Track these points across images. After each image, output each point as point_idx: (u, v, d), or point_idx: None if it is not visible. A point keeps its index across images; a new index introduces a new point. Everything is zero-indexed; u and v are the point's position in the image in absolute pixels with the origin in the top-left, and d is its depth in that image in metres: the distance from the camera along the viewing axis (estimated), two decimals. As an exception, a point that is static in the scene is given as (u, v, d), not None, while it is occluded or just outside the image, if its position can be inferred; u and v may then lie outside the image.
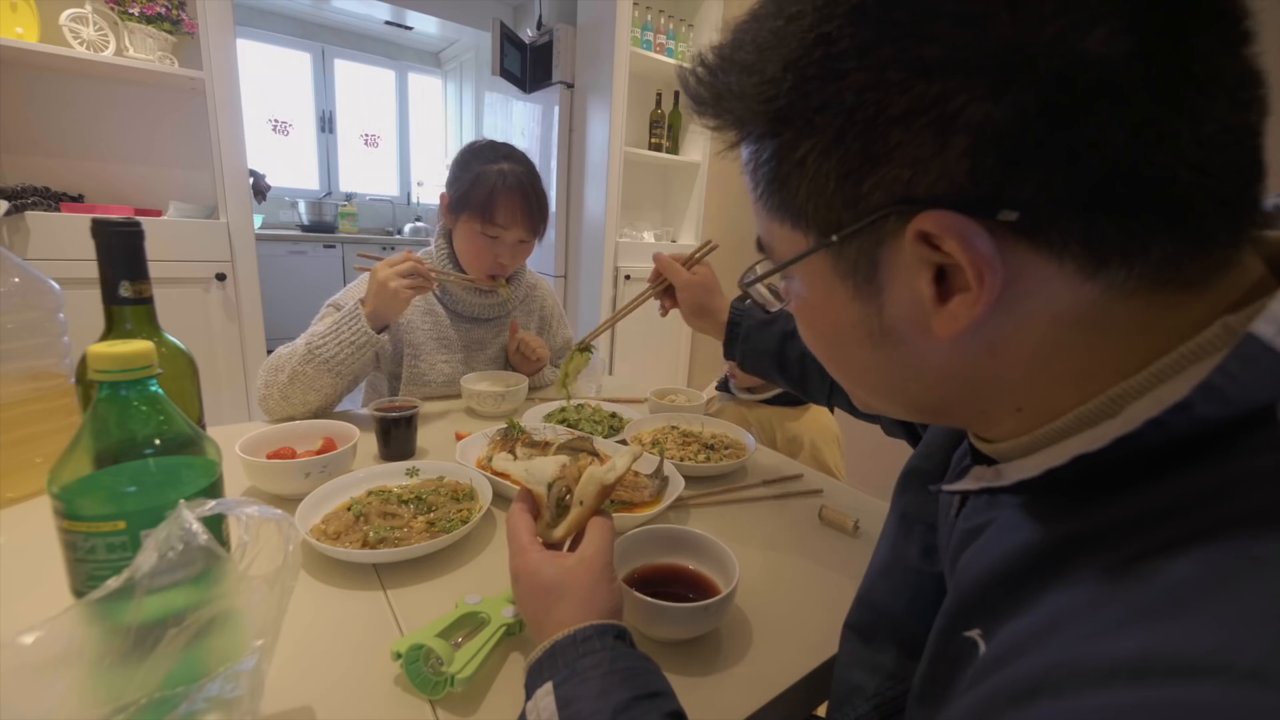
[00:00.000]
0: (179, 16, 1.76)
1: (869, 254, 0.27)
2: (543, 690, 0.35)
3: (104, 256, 0.54)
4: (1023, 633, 0.24)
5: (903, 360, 0.30)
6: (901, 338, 0.29)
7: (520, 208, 1.03)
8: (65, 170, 1.82)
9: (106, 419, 0.37)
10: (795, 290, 0.33)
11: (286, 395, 0.88)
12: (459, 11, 3.27)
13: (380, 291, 0.88)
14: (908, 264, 0.26)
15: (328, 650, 0.47)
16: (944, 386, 0.30)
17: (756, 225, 0.34)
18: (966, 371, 0.28)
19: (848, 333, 0.31)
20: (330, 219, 3.87)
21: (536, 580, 0.41)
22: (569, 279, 2.74)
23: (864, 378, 0.33)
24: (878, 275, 0.28)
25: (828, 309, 0.31)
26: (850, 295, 0.29)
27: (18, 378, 0.63)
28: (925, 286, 0.26)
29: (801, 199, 0.28)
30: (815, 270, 0.30)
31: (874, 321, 0.29)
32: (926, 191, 0.24)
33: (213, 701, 0.30)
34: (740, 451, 0.88)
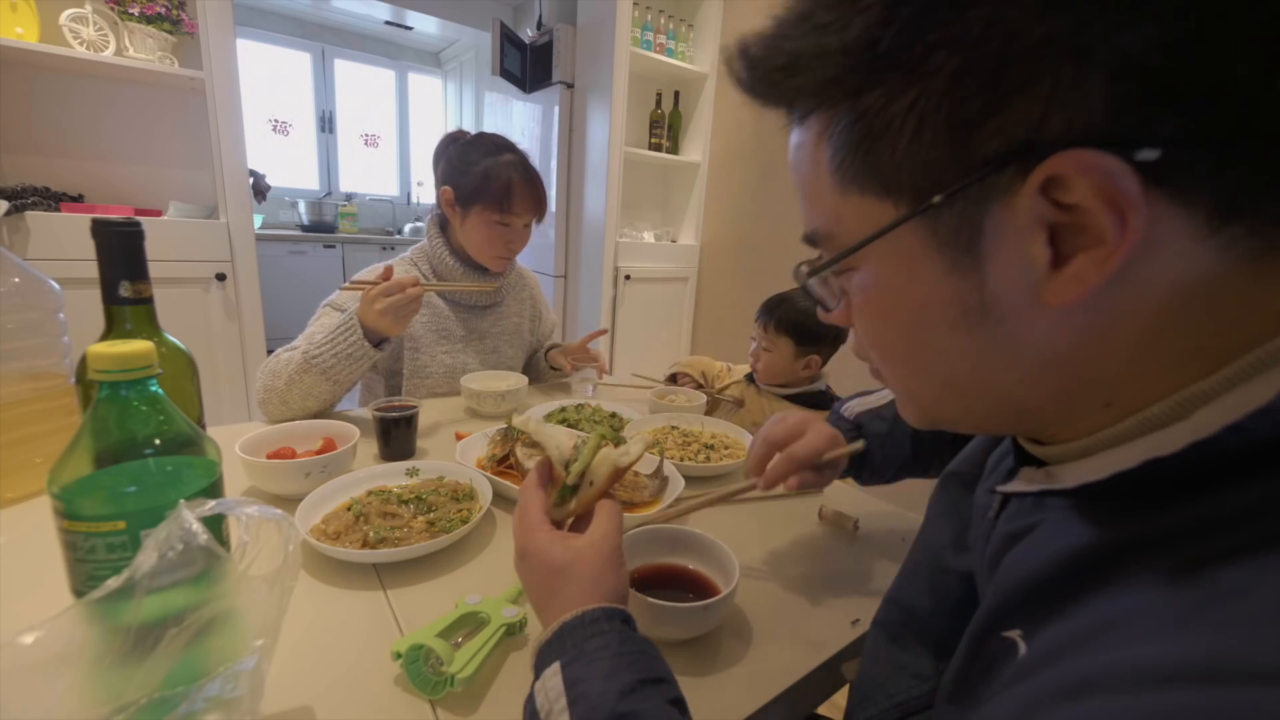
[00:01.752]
0: (179, 16, 1.76)
1: (973, 217, 0.25)
2: (550, 670, 0.35)
3: (104, 256, 0.54)
4: (1068, 634, 0.24)
5: (1001, 343, 0.27)
6: (1004, 314, 0.26)
7: (532, 195, 1.08)
8: (65, 170, 1.82)
9: (106, 419, 0.37)
10: (863, 279, 0.30)
11: (285, 400, 0.89)
12: (459, 11, 3.27)
13: (375, 318, 0.87)
14: (1019, 225, 0.24)
15: (328, 650, 0.47)
16: (1040, 376, 0.27)
17: (809, 215, 0.31)
18: (1069, 355, 0.26)
19: (936, 316, 0.28)
20: (330, 219, 3.87)
21: (544, 560, 0.40)
22: (569, 279, 2.74)
23: (948, 371, 0.29)
24: (980, 242, 0.25)
25: (911, 290, 0.28)
26: (945, 269, 0.26)
27: (18, 378, 0.63)
28: (1040, 249, 0.24)
29: (894, 162, 0.25)
30: (902, 245, 0.27)
31: (972, 297, 0.26)
32: (1059, 133, 0.22)
33: (213, 701, 0.30)
34: (740, 451, 0.88)
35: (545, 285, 2.72)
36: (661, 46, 2.44)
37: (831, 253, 0.30)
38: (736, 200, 2.48)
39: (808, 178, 0.30)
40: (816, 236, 0.31)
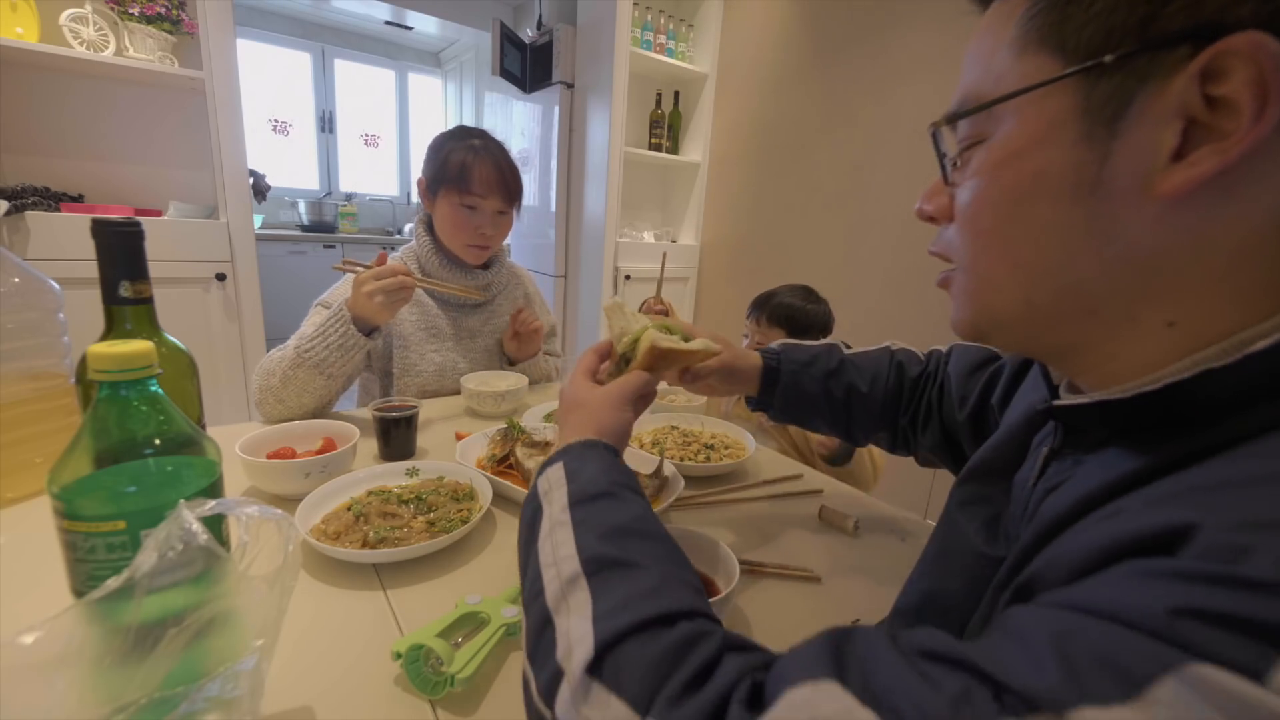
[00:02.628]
0: (179, 16, 1.76)
1: (1127, 91, 0.26)
2: (554, 466, 0.42)
3: (104, 256, 0.54)
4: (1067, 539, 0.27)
5: (1097, 222, 0.28)
6: (1112, 193, 0.27)
7: (494, 176, 1.06)
8: (65, 170, 1.82)
9: (106, 419, 0.37)
10: (996, 137, 0.31)
11: (281, 398, 0.89)
12: (459, 11, 3.27)
13: (364, 302, 0.88)
14: (1163, 108, 0.25)
15: (328, 650, 0.47)
16: (1119, 269, 0.28)
17: (968, 81, 0.33)
18: (1153, 253, 0.27)
19: (1048, 184, 0.29)
20: (330, 219, 3.87)
21: (569, 394, 0.52)
22: (569, 279, 2.74)
23: (1031, 249, 0.31)
24: (1122, 118, 0.26)
25: (1036, 155, 0.29)
26: (1078, 137, 0.28)
27: (18, 378, 0.63)
28: (1171, 136, 0.25)
29: (1085, 19, 0.27)
30: (1050, 105, 0.28)
31: (1090, 170, 0.28)
32: (1242, 20, 0.23)
33: (213, 701, 0.30)
34: (740, 451, 0.88)
35: (545, 285, 2.73)
36: (661, 46, 2.44)
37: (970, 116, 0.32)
38: (736, 200, 2.48)
39: (985, 46, 0.32)
40: (965, 101, 0.33)
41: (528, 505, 0.41)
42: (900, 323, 1.89)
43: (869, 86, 1.92)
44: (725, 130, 2.51)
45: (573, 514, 0.37)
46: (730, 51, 2.45)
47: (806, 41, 2.13)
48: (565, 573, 0.33)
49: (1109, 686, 0.17)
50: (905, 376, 0.68)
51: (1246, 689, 0.16)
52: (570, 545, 0.34)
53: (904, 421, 0.67)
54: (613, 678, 0.27)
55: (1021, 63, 0.30)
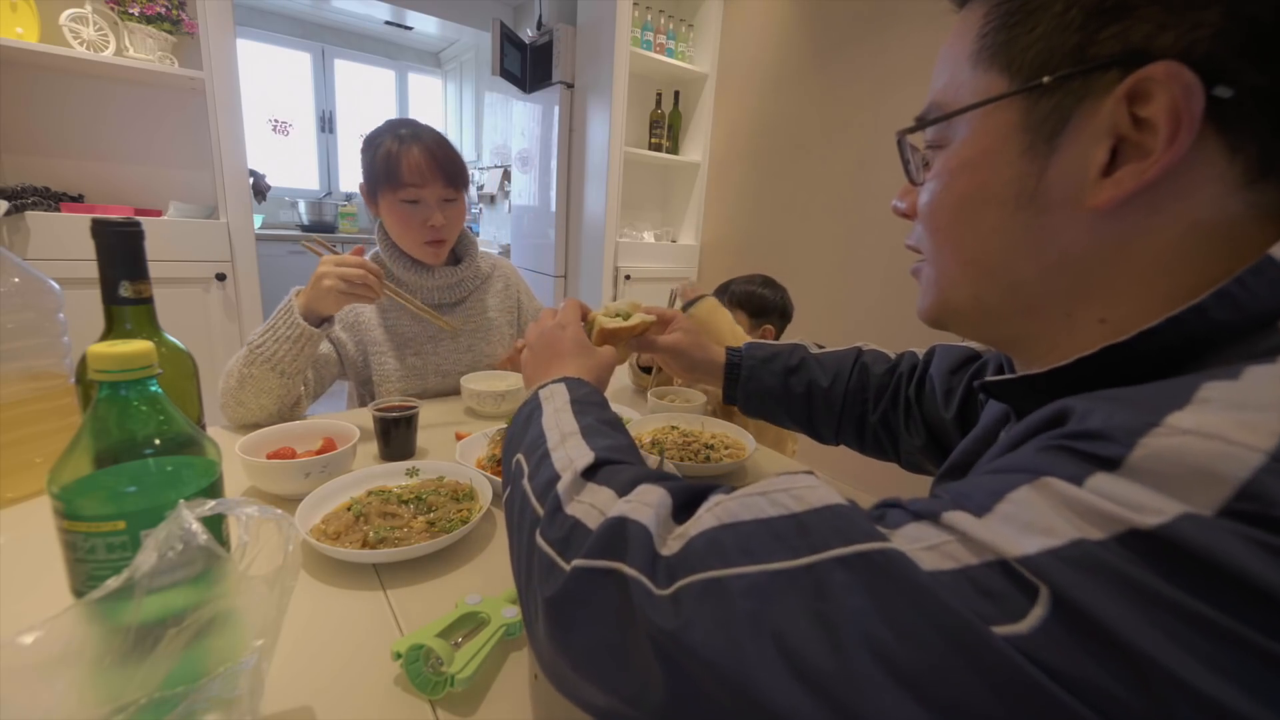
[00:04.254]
0: (179, 16, 1.76)
1: (1064, 109, 0.29)
2: (555, 384, 0.48)
3: (104, 256, 0.54)
4: None
5: (1035, 230, 0.31)
6: (1047, 204, 0.30)
7: (425, 161, 0.98)
8: (65, 170, 1.82)
9: (106, 419, 0.37)
10: (952, 146, 0.34)
11: (240, 400, 0.86)
12: (459, 11, 3.27)
13: (315, 284, 0.84)
14: (1095, 127, 0.28)
15: (327, 650, 0.47)
16: (1056, 273, 0.31)
17: (936, 88, 0.35)
18: (1085, 257, 0.30)
19: (993, 192, 0.32)
20: (330, 219, 3.87)
21: (574, 335, 0.61)
22: (569, 279, 2.74)
23: (978, 248, 0.34)
24: (1061, 134, 0.29)
25: (983, 165, 0.32)
26: (1019, 150, 0.31)
27: (18, 378, 0.63)
28: (1102, 153, 0.28)
29: (1028, 41, 0.29)
30: (997, 120, 0.31)
31: (1029, 183, 0.31)
32: (1164, 48, 0.26)
33: (213, 701, 0.30)
34: (740, 451, 0.88)
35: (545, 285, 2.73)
36: (661, 46, 2.44)
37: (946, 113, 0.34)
38: (736, 200, 2.48)
39: (954, 54, 0.34)
40: (931, 109, 0.35)
41: (525, 407, 0.47)
42: (900, 322, 1.89)
43: (869, 86, 1.92)
44: (725, 130, 2.51)
45: (574, 407, 0.44)
46: (730, 51, 2.45)
47: (806, 41, 2.13)
48: (565, 430, 0.41)
49: (980, 500, 0.23)
50: (870, 374, 0.69)
51: (1069, 488, 0.21)
52: (571, 419, 0.42)
53: (874, 419, 0.68)
54: (604, 480, 0.34)
55: (975, 77, 0.32)
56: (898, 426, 0.67)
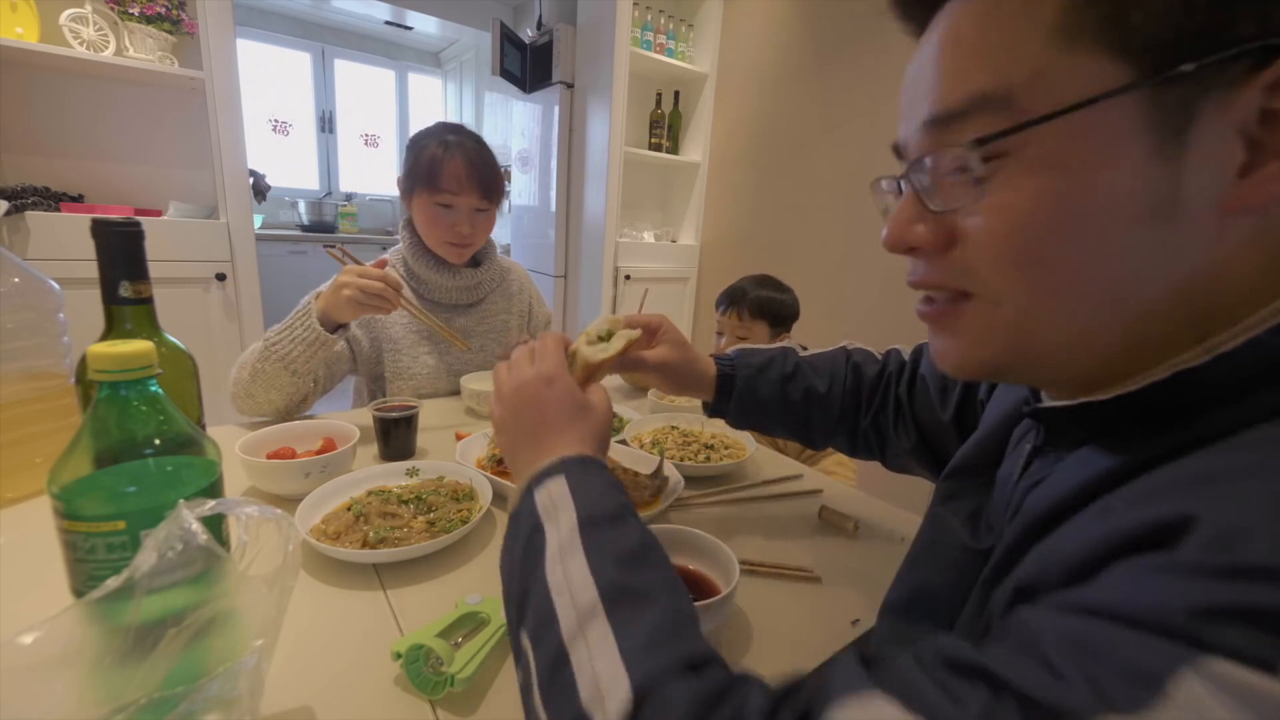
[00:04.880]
0: (179, 16, 1.76)
1: (1191, 102, 0.24)
2: (554, 481, 0.38)
3: (104, 256, 0.54)
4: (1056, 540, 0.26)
5: (1173, 246, 0.25)
6: (1186, 214, 0.25)
7: (466, 172, 1.02)
8: (65, 170, 1.82)
9: (106, 419, 0.36)
10: (1036, 158, 0.26)
11: (250, 393, 0.88)
12: (459, 11, 3.27)
13: (335, 292, 0.86)
14: (1226, 121, 0.24)
15: (327, 650, 0.47)
16: (1184, 293, 0.26)
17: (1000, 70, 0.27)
18: (1218, 275, 0.26)
19: (1122, 206, 0.25)
20: (330, 219, 3.87)
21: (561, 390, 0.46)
22: (569, 279, 2.74)
23: (1103, 270, 0.27)
24: (1188, 131, 0.24)
25: (1104, 175, 0.25)
26: (1148, 153, 0.25)
27: (18, 378, 0.63)
28: (1240, 150, 0.24)
29: (1144, 17, 0.24)
30: (1113, 118, 0.25)
31: (1165, 189, 0.25)
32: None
33: (212, 701, 0.30)
34: (740, 451, 0.88)
35: (545, 285, 2.73)
36: (661, 46, 2.44)
37: (1006, 120, 0.26)
38: (736, 200, 2.48)
39: (1013, 29, 0.26)
40: (984, 100, 0.27)
41: (523, 522, 0.37)
42: (900, 322, 1.89)
43: (869, 86, 1.92)
44: (725, 130, 2.50)
45: (583, 537, 0.34)
46: (730, 51, 2.45)
47: (806, 41, 2.13)
48: (581, 601, 0.30)
49: (1129, 691, 0.17)
50: (863, 375, 0.67)
51: (1261, 682, 0.16)
52: (584, 570, 0.32)
53: (865, 423, 0.66)
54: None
55: (1069, 59, 0.25)
56: (887, 428, 0.65)
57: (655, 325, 0.66)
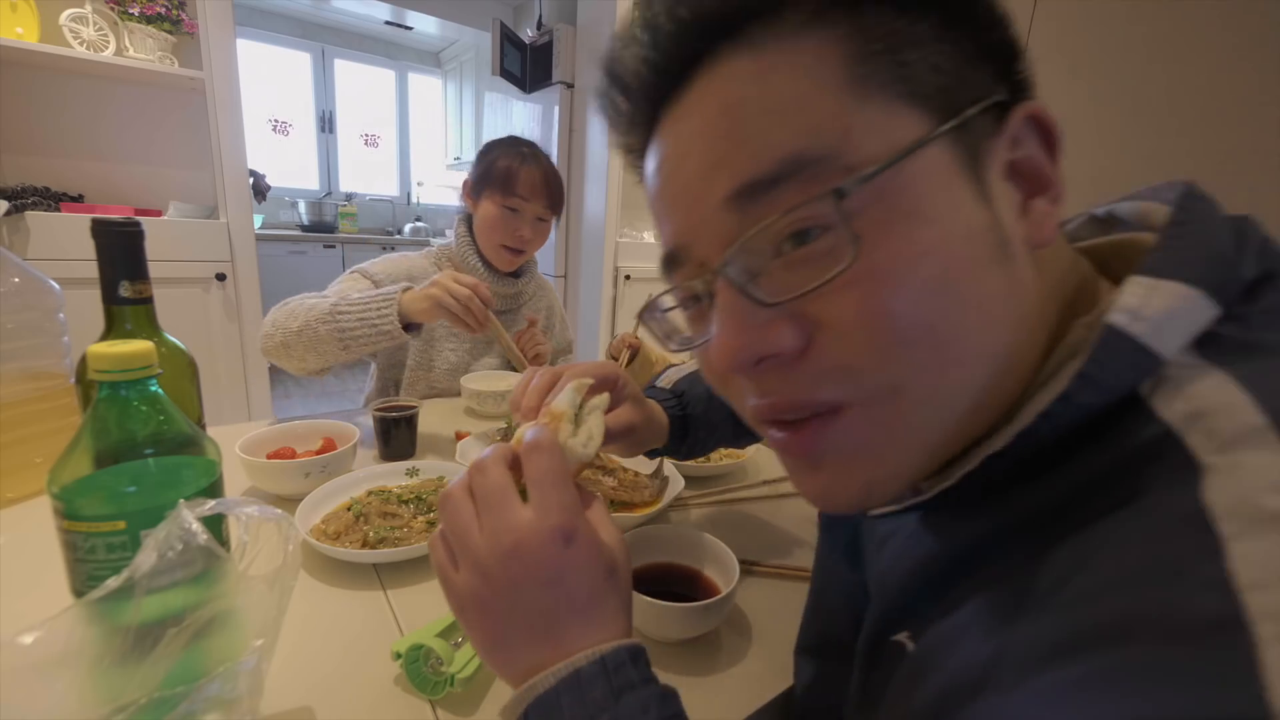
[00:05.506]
0: (179, 16, 1.77)
1: (977, 147, 0.24)
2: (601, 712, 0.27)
3: (104, 256, 0.54)
4: (949, 632, 0.25)
5: (1017, 285, 0.25)
6: (1014, 252, 0.25)
7: (539, 181, 1.07)
8: (65, 170, 1.82)
9: (106, 419, 0.37)
10: (888, 211, 0.23)
11: (288, 345, 0.87)
12: (459, 11, 3.27)
13: (427, 291, 0.84)
14: (999, 160, 0.25)
15: (328, 650, 0.47)
16: (1022, 328, 0.26)
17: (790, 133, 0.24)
18: (1035, 313, 0.26)
19: (978, 249, 0.24)
20: (330, 219, 3.87)
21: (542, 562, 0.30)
22: (569, 279, 2.74)
23: (982, 321, 0.24)
24: (986, 174, 0.25)
25: (950, 220, 0.24)
26: (973, 194, 0.24)
27: (18, 378, 0.63)
28: (1014, 189, 0.25)
29: (921, 68, 0.24)
30: (938, 163, 0.24)
31: (998, 229, 0.24)
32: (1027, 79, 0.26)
33: (212, 701, 0.30)
34: (740, 452, 0.88)
35: (545, 285, 2.72)
36: (661, 46, 2.44)
37: (827, 182, 0.23)
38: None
39: (792, 87, 0.24)
40: (797, 163, 0.24)
41: None
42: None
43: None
44: (725, 130, 2.50)
45: None
46: (730, 51, 2.45)
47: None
48: None
49: None
50: None
51: None
52: None
53: None
54: None
55: (873, 112, 0.23)
56: None
57: (612, 378, 0.51)
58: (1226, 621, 0.16)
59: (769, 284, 0.25)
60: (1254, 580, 0.16)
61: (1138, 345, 0.22)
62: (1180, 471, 0.19)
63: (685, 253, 0.28)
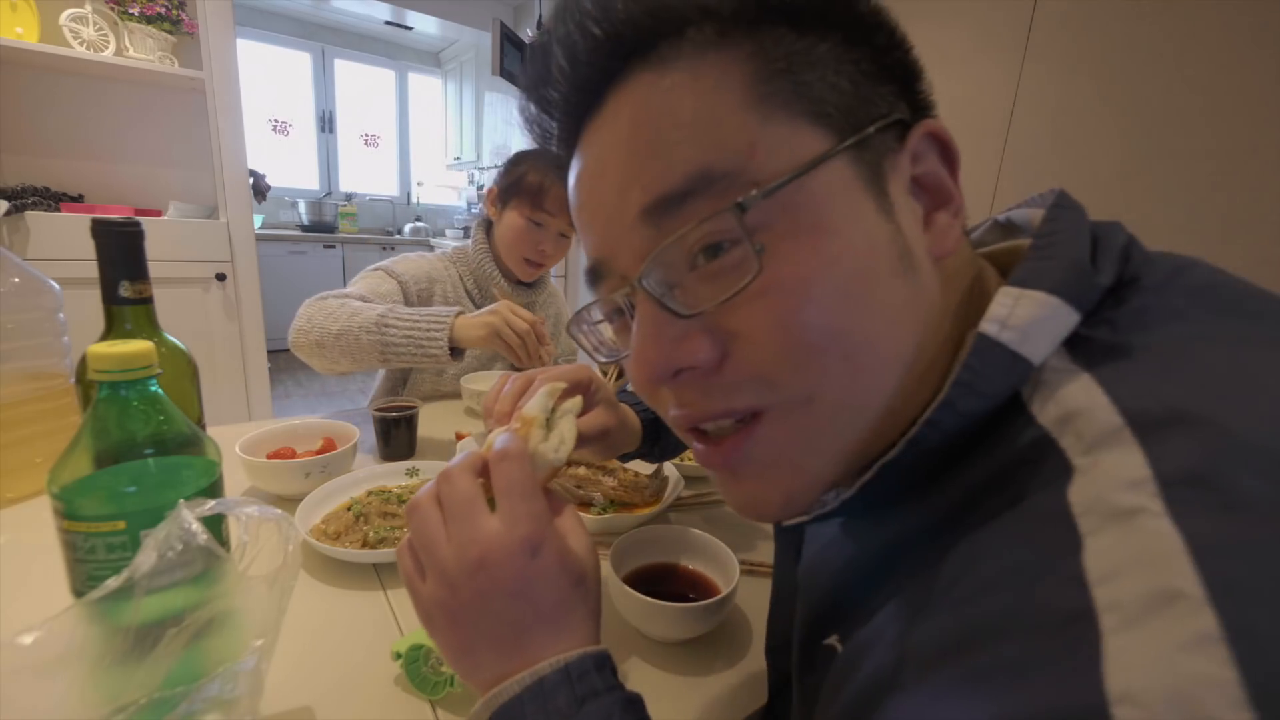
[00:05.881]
0: (179, 16, 1.77)
1: (879, 163, 0.25)
2: None
3: (104, 256, 0.54)
4: (867, 635, 0.26)
5: (921, 293, 0.26)
6: (917, 263, 0.26)
7: (566, 199, 1.06)
8: (65, 170, 1.83)
9: (106, 419, 0.37)
10: (793, 224, 0.24)
11: (323, 345, 0.85)
12: (459, 11, 3.27)
13: (485, 319, 0.83)
14: (901, 176, 0.26)
15: (328, 650, 0.47)
16: (928, 334, 0.27)
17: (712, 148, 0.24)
18: (940, 312, 0.27)
19: (875, 262, 0.25)
20: (330, 219, 3.88)
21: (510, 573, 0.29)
22: (569, 279, 2.74)
23: (889, 332, 0.25)
24: (888, 189, 0.25)
25: (851, 232, 0.24)
26: (875, 208, 0.25)
27: (18, 378, 0.63)
28: (917, 203, 0.27)
29: (821, 88, 0.24)
30: (840, 178, 0.24)
31: (901, 241, 0.25)
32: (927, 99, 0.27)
33: (212, 701, 0.30)
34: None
35: (545, 285, 2.73)
36: (661, 46, 2.44)
37: (732, 197, 0.23)
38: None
39: (698, 104, 0.24)
40: (705, 178, 0.24)
41: None
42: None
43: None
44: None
45: None
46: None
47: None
48: None
49: None
50: None
51: None
52: None
53: None
54: None
55: (776, 129, 0.24)
56: None
57: (585, 382, 0.50)
58: (1078, 614, 0.16)
59: (684, 296, 0.26)
60: (1103, 574, 0.17)
61: (1008, 352, 0.23)
62: (1054, 474, 0.20)
63: (607, 266, 0.29)
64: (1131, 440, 0.19)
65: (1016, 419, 0.23)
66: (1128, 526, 0.17)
